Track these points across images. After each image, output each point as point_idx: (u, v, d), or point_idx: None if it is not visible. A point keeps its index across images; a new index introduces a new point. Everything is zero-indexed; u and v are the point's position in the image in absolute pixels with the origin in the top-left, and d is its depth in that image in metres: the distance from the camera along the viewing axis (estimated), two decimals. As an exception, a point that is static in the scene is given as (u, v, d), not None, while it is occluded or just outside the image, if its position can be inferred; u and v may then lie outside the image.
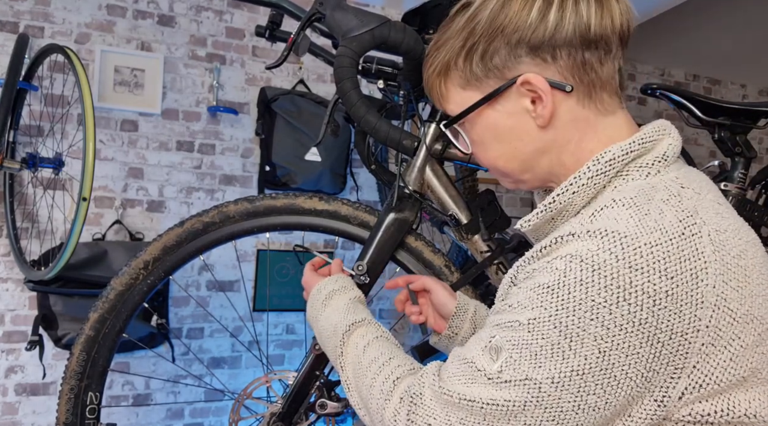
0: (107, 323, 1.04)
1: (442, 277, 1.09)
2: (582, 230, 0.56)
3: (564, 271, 0.54)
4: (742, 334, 0.53)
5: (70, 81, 1.99)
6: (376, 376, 0.69)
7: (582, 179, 0.61)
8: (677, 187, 0.58)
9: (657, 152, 0.62)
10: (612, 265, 0.52)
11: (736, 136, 1.25)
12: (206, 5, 2.28)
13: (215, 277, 2.26)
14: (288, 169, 2.22)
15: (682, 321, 0.51)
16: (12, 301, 1.99)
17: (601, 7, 0.61)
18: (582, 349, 0.53)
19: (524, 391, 0.54)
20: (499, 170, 0.70)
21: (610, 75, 0.64)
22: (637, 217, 0.54)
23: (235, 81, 2.32)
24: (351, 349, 0.77)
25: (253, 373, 2.31)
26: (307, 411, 1.07)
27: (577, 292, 0.53)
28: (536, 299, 0.56)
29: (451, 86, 0.69)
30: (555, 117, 0.63)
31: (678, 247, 0.52)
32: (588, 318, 0.52)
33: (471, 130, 0.70)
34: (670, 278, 0.51)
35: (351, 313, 0.81)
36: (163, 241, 1.06)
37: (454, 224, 1.07)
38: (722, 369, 0.53)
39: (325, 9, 0.95)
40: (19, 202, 2.01)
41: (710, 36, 2.77)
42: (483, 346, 0.59)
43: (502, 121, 0.66)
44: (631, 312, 0.51)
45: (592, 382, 0.53)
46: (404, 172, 1.07)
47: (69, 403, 1.03)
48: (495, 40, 0.63)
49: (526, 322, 0.55)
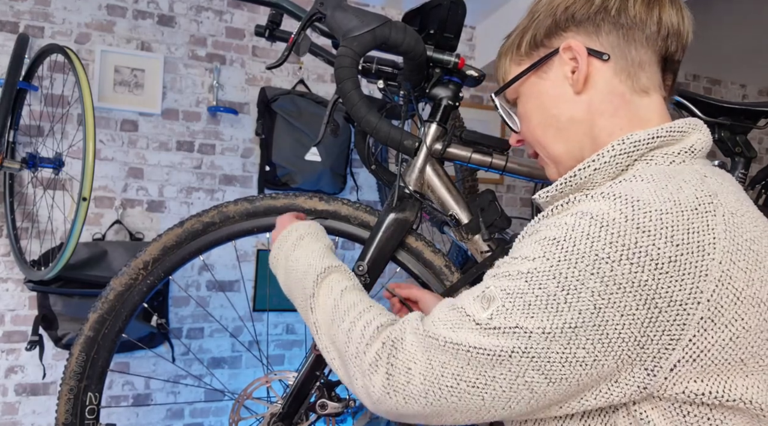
0: (107, 324, 1.04)
1: (442, 277, 1.09)
2: (596, 192, 0.57)
3: (572, 225, 0.55)
4: (746, 316, 0.53)
5: (70, 81, 1.99)
6: (356, 321, 0.68)
7: (605, 157, 0.62)
8: (701, 175, 0.58)
9: (685, 144, 0.62)
10: (620, 224, 0.52)
11: (736, 136, 1.25)
12: (206, 5, 2.28)
13: (215, 277, 2.26)
14: (288, 169, 2.22)
15: (683, 290, 0.51)
16: (12, 301, 1.99)
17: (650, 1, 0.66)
18: (577, 303, 0.53)
19: (513, 338, 0.54)
20: (539, 142, 0.73)
21: (651, 59, 0.67)
22: (654, 188, 0.55)
23: (235, 81, 2.32)
24: (325, 290, 0.75)
25: (253, 373, 2.31)
26: (307, 411, 1.07)
27: (581, 245, 0.53)
28: (539, 250, 0.56)
29: (512, 64, 0.75)
30: (589, 84, 0.67)
31: (688, 219, 0.53)
32: (588, 271, 0.53)
33: (519, 106, 0.76)
34: (675, 245, 0.52)
35: (326, 258, 0.81)
36: (162, 242, 1.06)
37: (454, 224, 1.07)
38: (720, 347, 0.52)
39: (325, 9, 0.95)
40: (19, 202, 2.01)
41: (710, 36, 2.77)
42: (475, 296, 0.59)
43: (545, 89, 0.70)
44: (632, 271, 0.51)
45: (583, 337, 0.53)
46: (404, 172, 1.07)
47: (68, 404, 1.03)
48: (551, 16, 0.69)
49: (525, 272, 0.56)
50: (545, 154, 0.74)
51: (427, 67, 1.02)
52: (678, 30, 0.67)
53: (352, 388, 0.66)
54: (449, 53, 1.00)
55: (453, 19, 0.97)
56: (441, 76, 1.04)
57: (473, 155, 1.06)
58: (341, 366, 0.69)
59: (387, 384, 0.60)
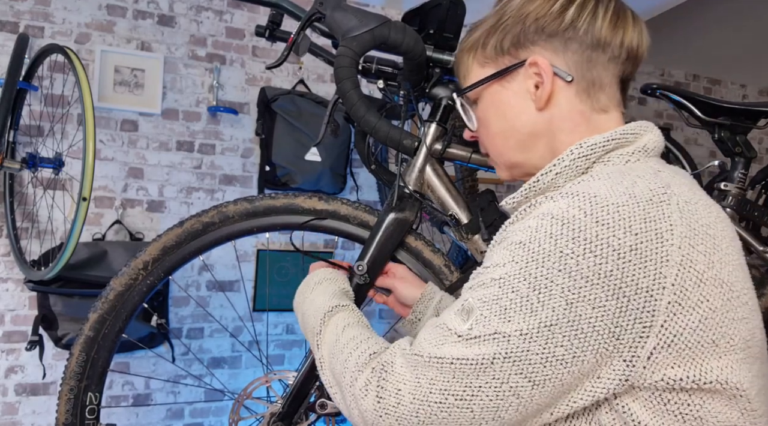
0: (107, 324, 1.04)
1: (442, 277, 1.09)
2: (556, 194, 0.59)
3: (536, 227, 0.57)
4: (711, 298, 0.54)
5: (70, 81, 1.99)
6: (352, 351, 0.69)
7: (565, 161, 0.65)
8: (654, 170, 0.61)
9: (638, 144, 0.65)
10: (580, 219, 0.55)
11: (736, 136, 1.25)
12: (206, 5, 2.28)
13: (215, 277, 2.26)
14: (288, 169, 2.22)
15: (647, 276, 0.53)
16: (12, 301, 1.99)
17: (617, 19, 0.68)
18: (550, 301, 0.54)
19: (493, 345, 0.55)
20: (497, 148, 0.75)
21: (612, 80, 0.70)
22: (610, 184, 0.57)
23: (235, 81, 2.32)
24: (330, 328, 0.78)
25: (253, 373, 2.31)
26: (307, 411, 1.07)
27: (546, 244, 0.55)
28: (508, 255, 0.58)
29: (476, 63, 0.75)
30: (552, 102, 0.69)
31: (644, 209, 0.55)
32: (556, 269, 0.54)
33: (479, 108, 0.77)
34: (634, 234, 0.54)
35: (336, 298, 0.83)
36: (162, 242, 1.06)
37: (454, 224, 1.07)
38: (691, 330, 0.54)
39: (325, 9, 0.95)
40: (19, 202, 2.01)
41: (710, 36, 2.77)
42: (456, 310, 0.61)
43: (506, 99, 0.72)
44: (596, 263, 0.53)
45: (559, 334, 0.54)
46: (404, 172, 1.07)
47: (68, 404, 1.03)
48: (518, 23, 0.70)
49: (498, 278, 0.58)
50: (502, 160, 0.76)
51: (426, 67, 1.02)
52: (636, 53, 0.70)
53: (350, 416, 0.67)
54: (449, 53, 1.00)
55: (452, 18, 0.98)
56: (441, 76, 1.04)
57: (473, 155, 1.06)
58: (341, 399, 0.70)
59: (378, 407, 0.61)
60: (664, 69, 3.22)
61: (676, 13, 2.40)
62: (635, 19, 0.70)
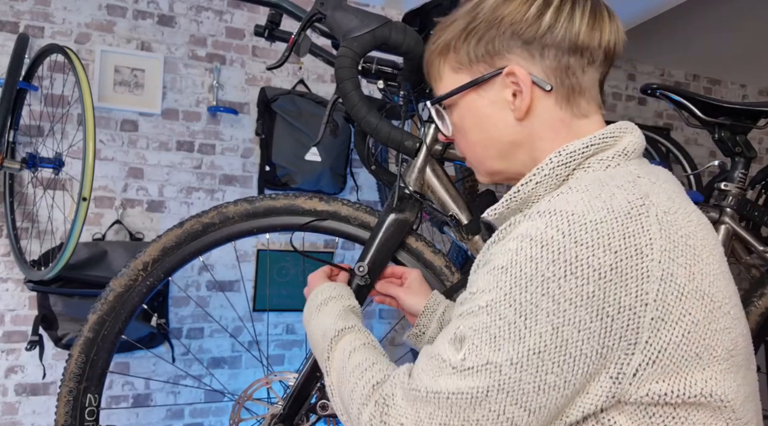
0: (106, 325, 1.04)
1: (443, 278, 1.09)
2: (533, 212, 0.58)
3: (516, 250, 0.56)
4: (693, 310, 0.54)
5: (70, 81, 1.98)
6: (357, 381, 0.69)
7: (545, 170, 0.64)
8: (634, 177, 0.60)
9: (618, 148, 0.65)
10: (559, 241, 0.54)
11: (736, 136, 1.25)
12: (206, 5, 2.28)
13: (215, 278, 2.26)
14: (288, 169, 2.22)
15: (629, 294, 0.53)
16: (12, 301, 1.99)
17: (594, 20, 0.66)
18: (536, 327, 0.53)
19: (486, 376, 0.55)
20: (476, 156, 0.74)
21: (591, 84, 0.68)
22: (587, 198, 0.56)
23: (235, 81, 2.32)
24: (338, 354, 0.77)
25: (253, 374, 2.31)
26: (308, 412, 1.07)
27: (527, 269, 0.54)
28: (492, 281, 0.57)
29: (448, 68, 0.72)
30: (531, 112, 0.67)
31: (623, 224, 0.54)
32: (540, 293, 0.53)
33: (454, 114, 0.74)
34: (614, 252, 0.53)
35: (341, 320, 0.82)
36: (162, 242, 1.06)
37: (454, 224, 1.07)
38: (675, 345, 0.53)
39: (325, 9, 0.95)
40: (19, 202, 2.01)
41: (710, 36, 2.77)
42: (449, 339, 0.60)
43: (483, 108, 0.70)
44: (578, 285, 0.53)
45: (549, 360, 0.53)
46: (404, 173, 1.07)
47: (68, 406, 1.03)
48: (493, 28, 0.66)
49: (485, 305, 0.57)
50: (482, 168, 0.75)
51: (427, 68, 1.02)
52: (613, 53, 0.68)
53: None
54: (449, 54, 1.00)
55: (453, 19, 0.97)
56: (441, 77, 1.03)
57: (473, 156, 1.06)
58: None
59: None
60: (664, 69, 3.21)
61: (676, 13, 2.40)
62: (611, 17, 0.68)
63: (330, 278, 0.98)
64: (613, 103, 3.04)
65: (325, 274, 0.97)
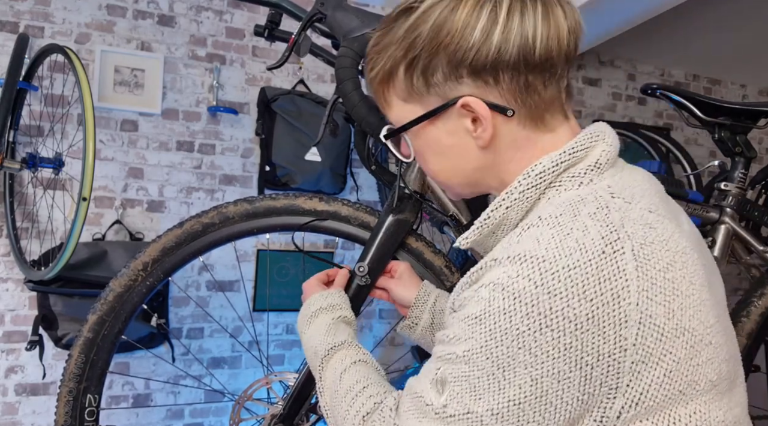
0: (106, 325, 1.04)
1: (443, 278, 1.09)
2: (503, 255, 0.55)
3: (488, 300, 0.54)
4: (674, 349, 0.52)
5: (70, 81, 1.99)
6: (349, 409, 0.69)
7: (514, 194, 0.61)
8: (607, 198, 0.56)
9: (590, 160, 0.61)
10: (531, 292, 0.51)
11: (736, 136, 1.25)
12: (206, 5, 2.28)
13: (215, 278, 2.26)
14: (288, 169, 2.22)
15: (607, 342, 0.51)
16: (12, 301, 1.99)
17: (548, 27, 0.59)
18: (515, 379, 0.53)
19: (467, 425, 0.55)
20: (441, 182, 0.70)
21: (554, 96, 0.62)
22: (559, 237, 0.53)
23: (235, 81, 2.32)
24: (329, 373, 0.77)
25: (253, 374, 2.31)
26: (308, 412, 1.07)
27: (501, 322, 0.53)
28: (468, 330, 0.56)
29: (394, 96, 0.66)
30: (496, 138, 0.62)
31: (597, 267, 0.51)
32: (516, 346, 0.52)
33: (414, 140, 0.69)
34: (589, 301, 0.51)
35: (331, 336, 0.81)
36: (162, 243, 1.06)
37: (454, 225, 1.07)
38: (657, 385, 0.52)
39: (326, 9, 0.95)
40: (19, 202, 2.01)
41: (710, 36, 2.77)
42: (431, 379, 0.59)
43: (444, 139, 0.65)
44: (554, 338, 0.51)
45: (530, 411, 0.53)
46: (404, 173, 1.07)
47: (67, 406, 1.03)
48: (436, 56, 0.60)
49: (462, 355, 0.56)
50: (450, 191, 0.73)
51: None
52: (575, 53, 0.62)
53: None
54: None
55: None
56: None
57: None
58: None
59: None
60: (664, 69, 3.21)
61: (676, 13, 2.39)
62: (565, 12, 0.60)
63: (326, 284, 0.96)
64: (613, 103, 3.04)
65: (320, 281, 0.95)
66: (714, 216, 1.25)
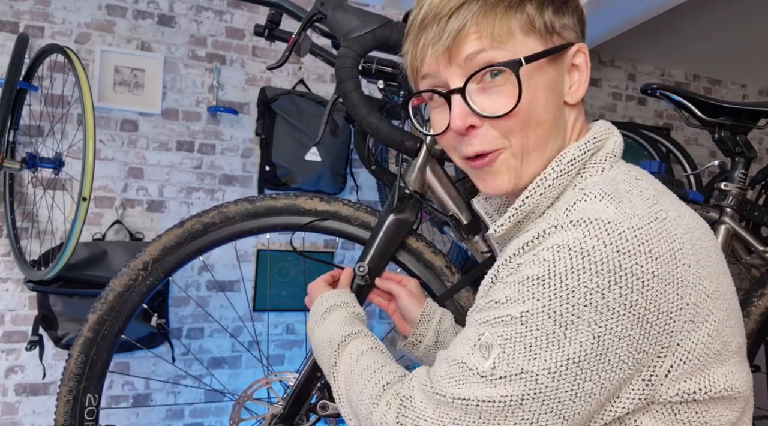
0: (106, 325, 1.04)
1: (443, 278, 1.09)
2: (565, 221, 0.56)
3: (553, 260, 0.54)
4: (715, 310, 0.56)
5: (70, 81, 1.98)
6: (366, 383, 0.68)
7: (548, 180, 0.63)
8: (633, 179, 0.61)
9: (607, 149, 0.65)
10: (601, 251, 0.53)
11: (736, 136, 1.25)
12: (206, 5, 2.28)
13: (215, 277, 2.26)
14: (288, 169, 2.22)
15: (667, 300, 0.53)
16: (12, 301, 1.99)
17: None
18: (577, 336, 0.53)
19: (521, 384, 0.54)
20: (535, 140, 0.63)
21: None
22: (614, 205, 0.56)
23: (235, 81, 2.32)
24: (345, 358, 0.77)
25: (253, 373, 2.31)
26: (308, 412, 1.07)
27: (569, 280, 0.53)
28: (527, 292, 0.55)
29: (518, 28, 0.62)
30: (579, 104, 0.67)
31: (657, 230, 0.54)
32: (582, 304, 0.53)
33: (528, 80, 0.61)
34: (654, 260, 0.53)
35: (348, 325, 0.81)
36: (162, 242, 1.06)
37: (454, 224, 1.07)
38: (702, 344, 0.55)
39: (326, 9, 0.95)
40: (19, 202, 2.01)
41: (710, 36, 2.77)
42: (472, 345, 0.58)
43: (552, 83, 0.63)
44: (622, 295, 0.52)
45: (588, 369, 0.53)
46: (405, 173, 1.07)
47: (67, 406, 1.03)
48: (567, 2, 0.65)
49: (519, 316, 0.55)
50: (522, 160, 0.64)
51: (427, 68, 1.01)
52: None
53: None
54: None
55: (453, 19, 0.97)
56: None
57: (474, 156, 1.05)
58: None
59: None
60: (664, 69, 3.21)
61: (676, 13, 2.39)
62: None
63: (331, 285, 0.97)
64: (613, 103, 3.04)
65: (326, 282, 0.97)
66: (714, 216, 1.25)
